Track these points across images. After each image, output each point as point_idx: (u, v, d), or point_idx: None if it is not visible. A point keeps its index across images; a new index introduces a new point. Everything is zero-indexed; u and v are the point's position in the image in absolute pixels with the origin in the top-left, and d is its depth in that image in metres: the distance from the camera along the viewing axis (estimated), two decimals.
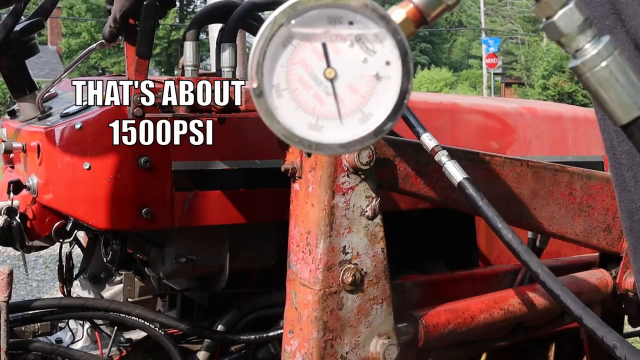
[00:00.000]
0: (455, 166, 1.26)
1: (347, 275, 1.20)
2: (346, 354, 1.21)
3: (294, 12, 0.47)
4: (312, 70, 0.48)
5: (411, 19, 0.49)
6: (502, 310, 1.40)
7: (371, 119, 0.49)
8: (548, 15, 0.49)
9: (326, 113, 0.49)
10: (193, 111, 1.19)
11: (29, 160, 1.47)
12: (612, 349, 0.97)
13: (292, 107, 0.48)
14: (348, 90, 0.49)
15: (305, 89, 0.48)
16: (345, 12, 0.48)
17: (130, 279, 1.64)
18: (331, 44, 0.48)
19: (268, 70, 0.48)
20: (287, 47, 0.48)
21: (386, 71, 0.49)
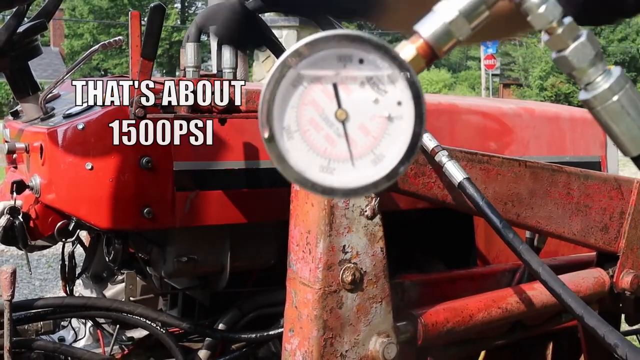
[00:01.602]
0: (456, 166, 1.27)
1: (347, 274, 1.21)
2: (346, 352, 1.22)
3: (302, 54, 0.46)
4: (323, 111, 0.47)
5: (422, 55, 0.48)
6: (500, 309, 1.41)
7: (383, 160, 0.48)
8: (560, 49, 0.48)
9: (338, 155, 0.48)
10: (194, 112, 1.20)
11: (31, 161, 1.48)
12: (614, 348, 0.98)
13: (304, 149, 0.47)
14: (360, 131, 0.48)
15: (316, 130, 0.47)
16: (355, 51, 0.46)
17: (132, 278, 1.64)
18: (342, 84, 0.47)
19: (278, 113, 0.47)
20: (298, 88, 0.47)
21: (398, 112, 0.48)
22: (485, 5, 0.48)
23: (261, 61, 12.00)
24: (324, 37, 0.46)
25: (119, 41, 1.68)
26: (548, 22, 0.48)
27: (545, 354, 1.85)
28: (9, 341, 1.33)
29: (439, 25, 0.48)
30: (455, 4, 0.48)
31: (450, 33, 0.48)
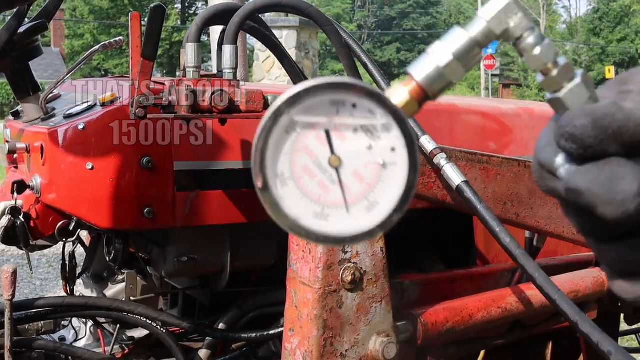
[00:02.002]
0: (454, 169, 1.27)
1: (347, 274, 1.21)
2: (346, 352, 1.23)
3: (294, 101, 0.45)
4: (317, 157, 0.46)
5: (415, 99, 0.48)
6: (499, 309, 1.41)
7: (377, 207, 0.47)
8: (554, 90, 0.48)
9: (332, 201, 0.47)
10: (194, 112, 1.20)
11: (32, 161, 1.48)
12: (607, 355, 0.99)
13: (297, 196, 0.47)
14: (353, 178, 0.47)
15: (310, 177, 0.46)
16: (347, 97, 0.46)
17: (132, 278, 1.64)
18: (335, 131, 0.47)
19: (271, 161, 0.46)
20: (291, 134, 0.46)
21: (392, 158, 0.47)
22: (478, 48, 0.48)
23: (261, 61, 12.01)
24: (317, 85, 0.45)
25: (119, 41, 1.68)
26: (543, 64, 0.48)
27: (544, 353, 1.86)
28: (9, 340, 1.33)
29: (432, 68, 0.48)
30: (448, 47, 0.48)
31: (443, 76, 0.48)
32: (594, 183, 0.44)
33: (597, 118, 0.44)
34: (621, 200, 0.43)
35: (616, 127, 0.44)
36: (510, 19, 0.47)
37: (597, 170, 0.44)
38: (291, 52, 11.47)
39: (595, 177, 0.44)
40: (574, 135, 0.44)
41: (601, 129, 0.44)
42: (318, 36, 12.86)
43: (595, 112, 0.44)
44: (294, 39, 11.86)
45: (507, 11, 0.47)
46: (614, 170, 0.43)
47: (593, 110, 0.45)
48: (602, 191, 0.43)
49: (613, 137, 0.44)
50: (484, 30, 0.48)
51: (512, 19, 0.47)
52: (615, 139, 0.44)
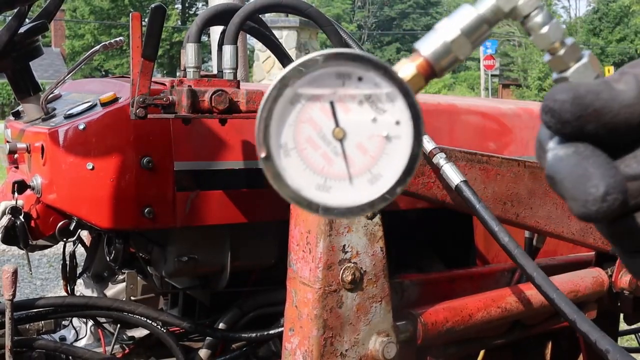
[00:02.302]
0: (453, 169, 1.27)
1: (347, 273, 1.21)
2: (346, 351, 1.23)
3: (301, 72, 0.45)
4: (321, 129, 0.46)
5: (422, 74, 0.48)
6: (499, 309, 1.41)
7: (380, 179, 0.47)
8: (561, 70, 0.48)
9: (335, 173, 0.47)
10: (194, 112, 1.20)
11: (33, 161, 1.48)
12: (605, 354, 0.99)
13: (300, 167, 0.46)
14: (357, 150, 0.47)
15: (313, 149, 0.46)
16: (354, 69, 0.46)
17: (132, 278, 1.65)
18: (340, 102, 0.46)
19: (275, 131, 0.46)
20: (295, 106, 0.46)
21: (396, 131, 0.47)
22: (487, 24, 0.48)
23: (261, 61, 12.01)
24: (323, 56, 0.45)
25: (119, 42, 1.68)
26: (550, 43, 0.47)
27: (544, 353, 1.86)
28: (10, 340, 1.33)
29: (440, 43, 0.48)
30: (456, 23, 0.48)
31: (451, 52, 0.48)
32: (567, 177, 0.43)
33: (579, 94, 0.43)
34: (584, 201, 0.42)
35: (598, 106, 0.43)
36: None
37: (573, 162, 0.43)
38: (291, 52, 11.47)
39: (570, 172, 0.43)
40: (553, 109, 0.44)
41: (581, 106, 0.43)
42: (318, 36, 12.86)
43: (579, 89, 0.44)
44: (294, 39, 11.86)
45: None
46: (586, 167, 0.43)
47: (577, 87, 0.44)
48: (571, 186, 0.43)
49: (593, 115, 0.43)
50: (492, 8, 0.48)
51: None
52: (595, 117, 0.43)
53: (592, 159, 0.43)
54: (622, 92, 0.43)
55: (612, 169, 0.42)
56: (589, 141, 0.44)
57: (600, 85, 0.43)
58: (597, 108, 0.43)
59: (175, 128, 1.39)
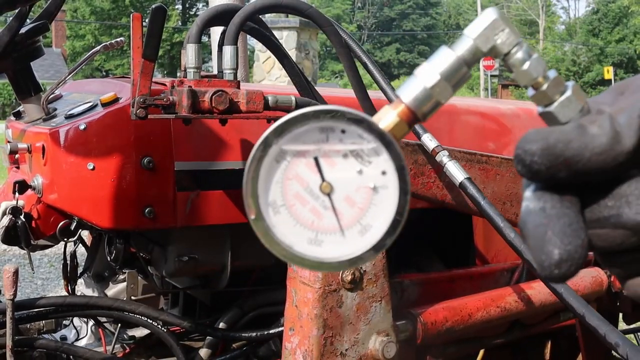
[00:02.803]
0: (456, 166, 1.28)
1: (347, 273, 1.22)
2: (346, 351, 1.23)
3: (282, 131, 0.46)
4: (308, 184, 0.47)
5: (405, 121, 0.48)
6: (499, 308, 1.42)
7: (370, 230, 0.47)
8: (545, 104, 0.47)
9: (325, 227, 0.47)
10: (195, 112, 1.21)
11: (34, 161, 1.48)
12: (614, 347, 0.99)
13: (291, 223, 0.47)
14: (345, 203, 0.47)
15: (302, 204, 0.47)
16: (336, 124, 0.46)
17: (133, 278, 1.65)
18: (325, 157, 0.47)
19: (263, 190, 0.46)
20: (281, 163, 0.46)
21: (383, 181, 0.47)
22: (466, 66, 0.48)
23: (262, 62, 12.01)
24: (303, 114, 0.45)
25: (120, 42, 1.68)
26: (532, 79, 0.47)
27: (543, 352, 1.86)
28: (11, 340, 1.34)
29: (420, 89, 0.47)
30: (436, 67, 0.47)
31: (432, 97, 0.47)
32: (530, 235, 0.43)
33: (549, 145, 0.43)
34: (539, 264, 0.42)
35: (569, 155, 0.42)
36: (497, 35, 0.47)
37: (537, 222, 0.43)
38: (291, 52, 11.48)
39: (533, 231, 0.43)
40: (524, 160, 0.43)
41: (551, 157, 0.42)
42: (318, 37, 12.86)
43: (549, 138, 0.43)
44: (294, 39, 11.87)
45: (494, 28, 0.47)
46: (547, 230, 0.42)
47: (547, 135, 0.43)
48: (532, 245, 0.43)
49: (564, 165, 0.42)
50: (471, 49, 0.47)
51: (499, 36, 0.47)
52: (566, 167, 0.42)
53: (555, 221, 0.42)
54: (595, 137, 0.42)
55: (570, 234, 0.42)
56: (562, 186, 0.43)
57: (573, 132, 0.43)
58: (567, 157, 0.42)
59: (175, 128, 1.40)
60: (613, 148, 0.42)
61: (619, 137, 0.42)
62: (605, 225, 0.43)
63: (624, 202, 0.43)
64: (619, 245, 0.43)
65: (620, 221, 0.42)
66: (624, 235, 0.43)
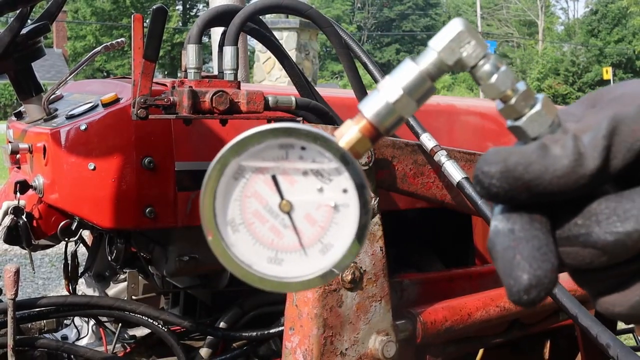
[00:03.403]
0: (454, 166, 1.28)
1: (347, 273, 1.22)
2: (345, 350, 1.24)
3: (241, 147, 0.44)
4: (267, 202, 0.45)
5: (366, 136, 0.46)
6: (498, 308, 1.42)
7: (331, 249, 0.46)
8: (514, 118, 0.45)
9: (285, 246, 0.46)
10: (195, 112, 1.21)
11: (35, 161, 1.49)
12: (606, 348, 0.99)
13: (250, 242, 0.46)
14: (306, 221, 0.46)
15: (261, 223, 0.45)
16: (295, 141, 0.45)
17: (134, 277, 1.65)
18: (284, 175, 0.45)
19: (221, 208, 0.45)
20: (240, 180, 0.45)
21: (344, 199, 0.46)
22: (430, 80, 0.46)
23: (262, 62, 12.02)
24: (260, 132, 0.44)
25: (121, 43, 1.69)
26: (500, 92, 0.45)
27: (542, 352, 1.87)
28: (12, 339, 1.34)
29: (382, 104, 0.46)
30: (398, 82, 0.46)
31: (394, 112, 0.46)
32: (499, 258, 0.42)
33: (507, 168, 0.41)
34: (509, 289, 0.41)
35: (528, 179, 0.41)
36: (463, 48, 0.45)
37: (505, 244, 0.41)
38: (291, 53, 11.48)
39: (502, 254, 0.41)
40: (482, 181, 0.42)
41: (509, 180, 0.41)
42: (318, 37, 12.86)
43: (509, 160, 0.41)
44: (294, 40, 11.87)
45: (459, 40, 0.45)
46: (515, 253, 0.41)
47: (507, 157, 0.41)
48: (501, 268, 0.41)
49: (523, 188, 0.41)
50: (435, 62, 0.45)
51: (465, 48, 0.45)
52: (526, 190, 0.41)
53: (522, 244, 0.41)
54: (557, 159, 0.40)
55: (539, 258, 0.40)
56: (525, 206, 0.42)
57: (534, 154, 0.41)
58: (526, 181, 0.41)
59: (176, 128, 1.40)
60: (575, 171, 0.40)
61: (581, 159, 0.40)
62: (574, 243, 0.42)
63: (593, 221, 0.41)
64: (588, 265, 0.42)
65: (590, 240, 0.41)
66: (593, 255, 0.41)
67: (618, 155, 0.41)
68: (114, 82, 1.61)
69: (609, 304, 0.43)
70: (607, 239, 0.40)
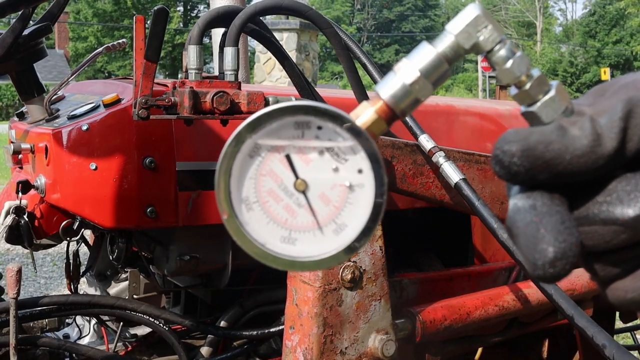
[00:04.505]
0: (452, 167, 1.29)
1: (347, 272, 1.23)
2: (345, 349, 1.24)
3: (256, 126, 0.45)
4: (282, 181, 0.45)
5: (382, 118, 0.46)
6: (497, 307, 1.43)
7: (345, 229, 0.46)
8: (528, 103, 0.45)
9: (299, 225, 0.45)
10: (196, 113, 1.21)
11: (37, 161, 1.49)
12: (602, 348, 1.00)
13: (264, 221, 0.45)
14: (320, 201, 0.45)
15: (276, 201, 0.45)
16: (312, 119, 0.44)
17: (135, 277, 1.66)
18: (300, 154, 0.45)
19: (236, 186, 0.45)
20: (255, 159, 0.45)
21: (359, 180, 0.45)
22: (447, 63, 0.46)
23: (262, 63, 12.02)
24: (278, 109, 0.44)
25: (122, 44, 1.69)
26: (515, 77, 0.45)
27: (541, 350, 1.87)
28: (14, 338, 1.34)
29: (399, 86, 0.46)
30: (415, 64, 0.46)
31: (410, 94, 0.46)
32: (521, 234, 0.41)
33: (528, 146, 0.41)
34: (533, 263, 0.41)
35: (549, 157, 0.41)
36: (480, 32, 0.45)
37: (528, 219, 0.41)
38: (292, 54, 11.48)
39: (524, 230, 0.41)
40: (502, 161, 0.42)
41: (530, 159, 0.41)
42: (318, 38, 12.86)
43: (529, 139, 0.41)
44: (294, 41, 11.87)
45: (476, 24, 0.45)
46: (539, 227, 0.41)
47: (527, 136, 0.41)
48: (524, 244, 0.41)
49: (544, 167, 0.41)
50: (452, 45, 0.45)
51: (482, 33, 0.45)
52: (546, 169, 0.41)
53: (546, 219, 0.41)
54: (576, 139, 0.41)
55: (564, 231, 0.40)
56: (544, 186, 0.42)
57: (553, 134, 0.41)
58: (547, 160, 0.41)
59: (177, 129, 1.41)
60: (594, 151, 0.41)
61: (600, 139, 0.41)
62: (594, 222, 0.42)
63: (614, 198, 0.41)
64: (607, 243, 0.42)
65: (611, 217, 0.41)
66: (614, 232, 0.41)
67: (634, 138, 0.41)
68: (115, 83, 1.62)
69: (621, 290, 0.43)
70: (630, 214, 0.41)
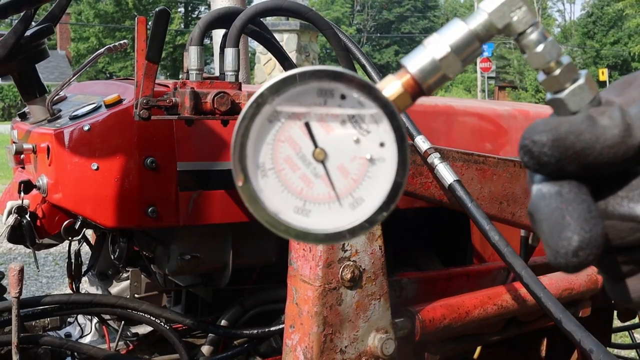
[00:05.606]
0: (447, 168, 1.29)
1: (346, 272, 1.23)
2: (345, 348, 1.24)
3: (281, 86, 0.42)
4: (301, 149, 0.43)
5: (408, 92, 0.44)
6: (495, 306, 1.43)
7: (362, 204, 0.44)
8: (556, 90, 0.44)
9: (314, 196, 0.43)
10: (197, 113, 1.22)
11: (39, 161, 1.50)
12: (588, 353, 1.00)
13: (278, 189, 0.43)
14: (339, 172, 0.43)
15: (292, 170, 0.43)
16: (337, 85, 0.42)
17: (136, 276, 1.66)
18: (321, 122, 0.43)
19: (252, 150, 0.43)
20: (274, 124, 0.43)
21: (380, 153, 0.43)
22: (478, 41, 0.44)
23: (263, 64, 12.01)
24: (302, 73, 0.42)
25: (124, 44, 1.70)
26: (545, 62, 0.44)
27: (539, 349, 1.87)
28: (16, 337, 1.34)
29: (428, 61, 0.44)
30: (446, 39, 0.44)
31: (439, 70, 0.44)
32: (545, 220, 0.40)
33: (559, 136, 0.40)
34: (555, 251, 0.40)
35: (579, 148, 0.40)
36: (514, 12, 0.44)
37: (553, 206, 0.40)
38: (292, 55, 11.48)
39: (548, 216, 0.40)
40: (532, 150, 0.41)
41: (561, 149, 0.40)
42: (318, 39, 12.85)
43: (559, 129, 0.40)
44: (294, 42, 11.87)
45: (511, 4, 0.44)
46: (564, 215, 0.40)
47: (557, 126, 0.40)
48: (547, 231, 0.40)
49: (574, 157, 0.40)
50: (485, 23, 0.44)
51: (516, 13, 0.44)
52: (576, 159, 0.40)
53: (572, 206, 0.40)
54: (606, 129, 0.40)
55: (590, 220, 0.39)
56: (571, 178, 0.41)
57: (583, 124, 0.40)
58: (577, 150, 0.40)
59: (178, 129, 1.41)
60: (625, 141, 0.40)
61: (630, 129, 0.40)
62: (613, 216, 0.41)
63: (637, 195, 0.40)
64: (622, 239, 0.41)
65: (631, 213, 0.40)
66: (630, 229, 0.41)
67: None
68: (116, 84, 1.62)
69: (629, 290, 0.43)
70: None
